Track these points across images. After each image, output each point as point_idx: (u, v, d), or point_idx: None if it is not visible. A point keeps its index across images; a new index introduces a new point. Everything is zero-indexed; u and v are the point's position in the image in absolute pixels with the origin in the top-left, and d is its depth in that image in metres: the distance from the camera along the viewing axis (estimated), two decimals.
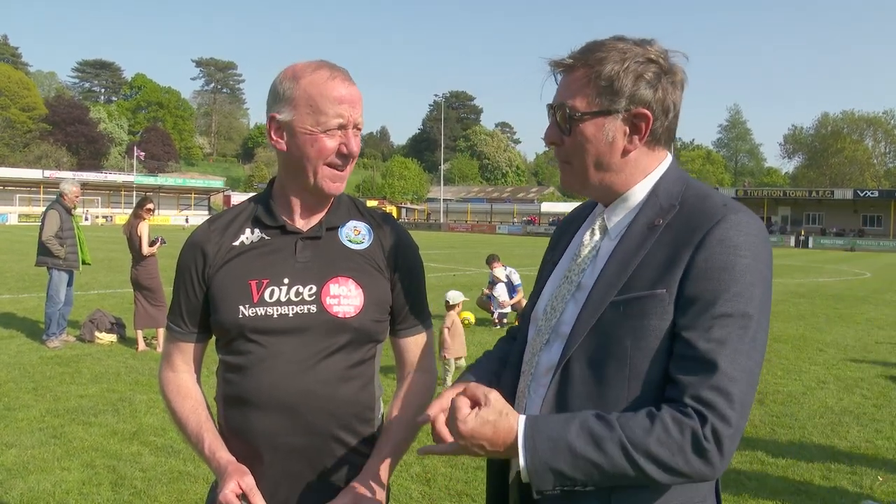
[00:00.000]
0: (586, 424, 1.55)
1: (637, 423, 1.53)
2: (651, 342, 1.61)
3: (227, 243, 2.13)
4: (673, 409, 1.53)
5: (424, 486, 5.73)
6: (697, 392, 1.52)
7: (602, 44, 1.74)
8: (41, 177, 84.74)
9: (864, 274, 31.87)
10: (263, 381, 2.02)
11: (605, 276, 1.70)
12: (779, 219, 77.69)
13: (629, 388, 1.62)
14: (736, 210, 1.65)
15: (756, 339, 1.57)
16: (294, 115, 2.01)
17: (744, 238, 1.60)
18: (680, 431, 1.51)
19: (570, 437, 1.54)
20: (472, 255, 35.81)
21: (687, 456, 1.51)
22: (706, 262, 1.58)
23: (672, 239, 1.65)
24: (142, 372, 9.32)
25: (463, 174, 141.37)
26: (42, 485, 5.57)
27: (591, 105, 1.71)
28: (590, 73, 1.71)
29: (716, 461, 1.51)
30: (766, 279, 1.61)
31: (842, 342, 12.94)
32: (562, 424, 1.57)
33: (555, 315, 1.78)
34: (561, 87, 1.78)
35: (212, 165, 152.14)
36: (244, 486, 1.90)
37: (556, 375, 1.71)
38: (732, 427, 1.51)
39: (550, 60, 1.79)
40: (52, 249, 10.75)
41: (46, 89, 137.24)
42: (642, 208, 1.74)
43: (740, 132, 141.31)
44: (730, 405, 1.51)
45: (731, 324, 1.55)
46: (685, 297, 1.59)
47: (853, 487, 5.93)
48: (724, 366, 1.52)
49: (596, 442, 1.52)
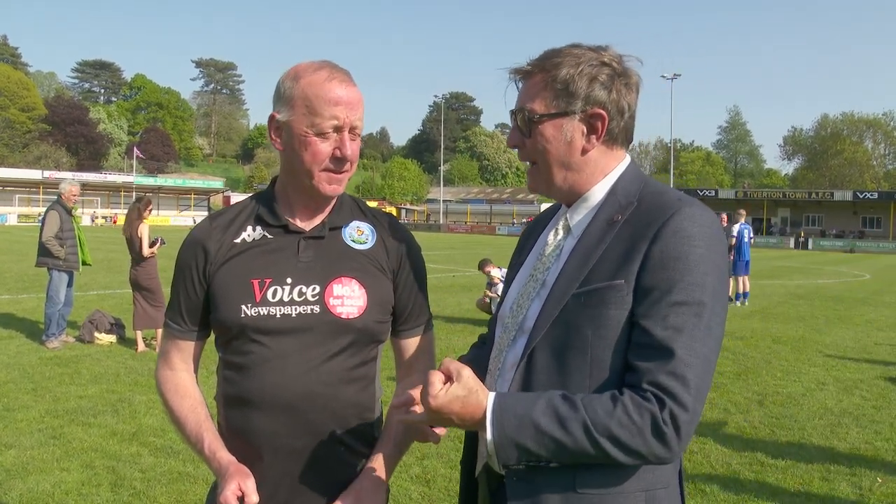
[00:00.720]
0: (552, 403, 1.62)
1: (600, 404, 1.60)
2: (611, 331, 1.68)
3: (228, 241, 2.11)
4: (633, 393, 1.59)
5: (424, 486, 5.73)
6: (655, 378, 1.59)
7: (558, 51, 1.84)
8: (41, 177, 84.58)
9: (864, 276, 31.87)
10: (266, 382, 2.01)
11: (567, 271, 1.78)
12: (778, 220, 77.78)
13: (591, 377, 1.69)
14: (690, 203, 1.73)
15: (711, 327, 1.64)
16: (291, 116, 2.00)
17: (697, 229, 1.67)
18: (640, 414, 1.57)
19: (536, 415, 1.61)
20: (471, 257, 35.78)
21: (646, 438, 1.57)
22: (661, 253, 1.66)
23: (630, 233, 1.73)
24: (141, 373, 9.31)
25: (462, 175, 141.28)
26: (41, 486, 5.56)
27: (548, 107, 1.81)
28: (546, 78, 1.81)
29: (673, 444, 1.58)
30: (719, 268, 1.68)
31: (841, 344, 12.93)
32: (529, 402, 1.64)
33: (521, 313, 1.85)
34: (521, 92, 1.87)
35: (211, 166, 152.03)
36: (244, 488, 1.89)
37: (520, 367, 1.78)
38: (689, 412, 1.58)
39: (510, 68, 1.89)
40: (51, 250, 10.75)
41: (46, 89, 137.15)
42: (602, 206, 1.83)
43: (740, 133, 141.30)
44: (686, 390, 1.58)
45: (686, 311, 1.62)
46: (642, 286, 1.66)
47: (852, 489, 5.93)
48: (680, 352, 1.59)
49: (560, 421, 1.59)
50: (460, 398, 1.64)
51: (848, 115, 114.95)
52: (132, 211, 11.01)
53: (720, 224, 1.74)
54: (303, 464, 2.04)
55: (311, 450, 2.04)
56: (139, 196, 11.96)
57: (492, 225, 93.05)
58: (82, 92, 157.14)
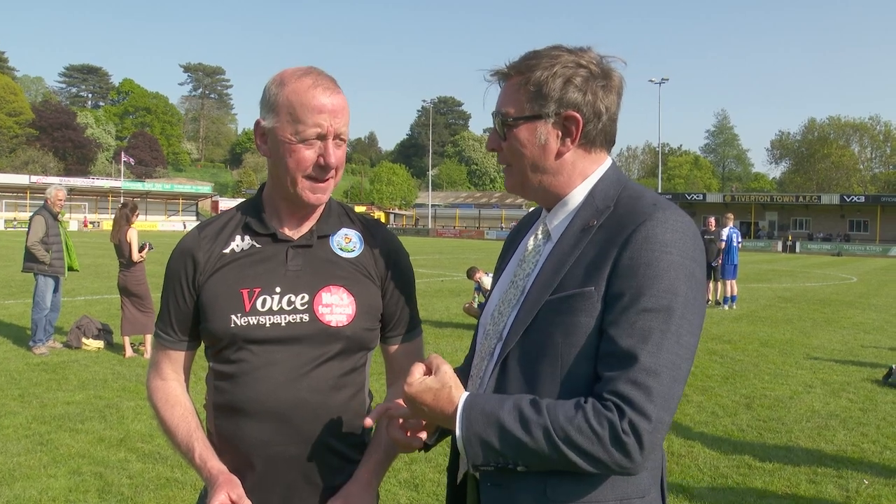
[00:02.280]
0: (518, 405, 1.62)
1: (563, 410, 1.59)
2: (580, 339, 1.66)
3: (217, 251, 2.11)
4: (596, 401, 1.58)
5: (412, 491, 5.73)
6: (615, 386, 1.57)
7: (536, 53, 1.82)
8: (28, 182, 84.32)
9: (851, 278, 32.04)
10: (256, 391, 2.01)
11: (541, 277, 1.77)
12: (766, 224, 78.04)
13: (561, 385, 1.67)
14: (664, 208, 1.70)
15: (680, 334, 1.60)
16: (276, 123, 2.00)
17: (670, 235, 1.64)
18: (599, 422, 1.55)
19: (502, 414, 1.61)
20: (460, 261, 35.82)
21: (606, 447, 1.55)
22: (631, 260, 1.63)
23: (603, 238, 1.70)
24: (129, 378, 9.28)
25: (451, 180, 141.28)
26: (28, 492, 5.54)
27: (522, 110, 1.79)
28: (521, 80, 1.79)
29: (635, 454, 1.55)
30: (691, 274, 1.64)
31: (828, 346, 12.99)
32: (498, 402, 1.65)
33: (501, 320, 1.83)
34: (499, 95, 1.86)
35: (200, 171, 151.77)
36: (234, 497, 1.89)
37: (494, 373, 1.78)
38: (652, 422, 1.55)
39: (488, 70, 1.88)
40: (37, 255, 10.71)
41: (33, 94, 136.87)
42: (579, 211, 1.81)
43: (728, 137, 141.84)
44: (648, 399, 1.55)
45: (653, 318, 1.59)
46: (610, 293, 1.64)
47: (839, 491, 5.96)
48: (643, 360, 1.57)
49: (523, 422, 1.59)
50: (433, 390, 1.69)
51: (835, 118, 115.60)
52: (120, 217, 10.96)
53: (695, 230, 1.71)
54: (294, 471, 2.04)
55: (302, 457, 2.03)
56: (126, 202, 11.91)
57: (480, 229, 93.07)
58: (70, 97, 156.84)
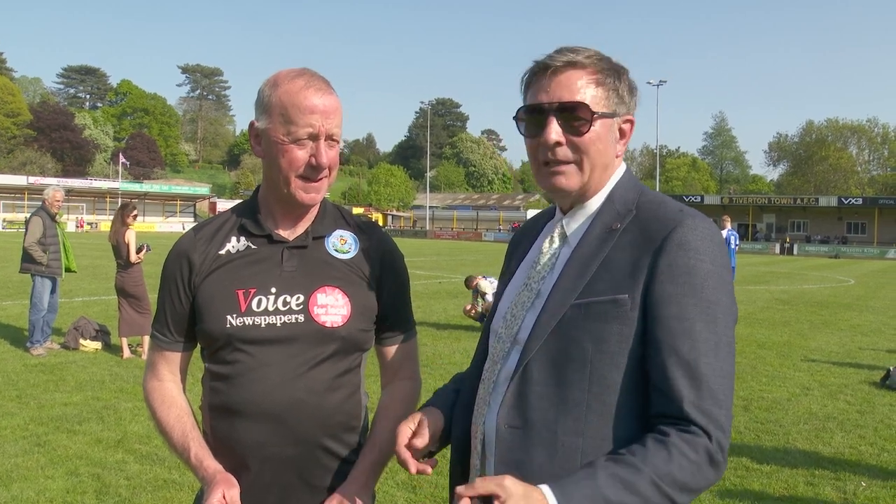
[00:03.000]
0: (611, 471, 1.52)
1: (656, 454, 1.53)
2: (613, 346, 1.63)
3: (213, 252, 2.12)
4: (679, 430, 1.55)
5: (410, 493, 5.72)
6: (696, 407, 1.56)
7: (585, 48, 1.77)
8: (25, 183, 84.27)
9: (848, 281, 32.07)
10: (251, 391, 2.01)
11: (564, 281, 1.72)
12: (764, 226, 78.13)
13: (590, 392, 1.63)
14: (692, 215, 1.69)
15: (728, 344, 1.62)
16: (269, 124, 2.01)
17: (701, 242, 1.64)
18: (696, 452, 1.54)
19: (604, 490, 1.49)
20: (458, 263, 35.84)
21: (705, 473, 1.55)
22: (669, 267, 1.62)
23: (630, 243, 1.68)
24: (126, 379, 9.27)
25: (449, 181, 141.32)
26: (26, 493, 5.53)
27: (603, 105, 1.74)
28: (596, 75, 1.74)
29: (723, 467, 1.58)
30: (727, 282, 1.65)
31: (826, 349, 13.01)
32: (589, 480, 1.51)
33: (515, 324, 1.79)
34: (562, 85, 1.73)
35: (197, 172, 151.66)
36: (228, 497, 1.89)
37: (515, 379, 1.72)
38: (727, 433, 1.58)
39: (546, 56, 1.77)
40: (34, 256, 10.71)
41: (31, 95, 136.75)
42: (598, 214, 1.78)
43: (725, 140, 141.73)
44: (722, 413, 1.57)
45: (703, 330, 1.59)
46: (652, 302, 1.62)
47: (837, 493, 5.96)
48: (710, 376, 1.57)
49: (627, 486, 1.50)
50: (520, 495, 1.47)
51: (832, 121, 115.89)
52: (117, 218, 10.97)
53: (721, 236, 1.70)
54: (289, 472, 2.04)
55: (298, 458, 2.04)
56: (124, 203, 11.91)
57: (478, 231, 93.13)
58: (67, 97, 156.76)
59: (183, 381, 2.23)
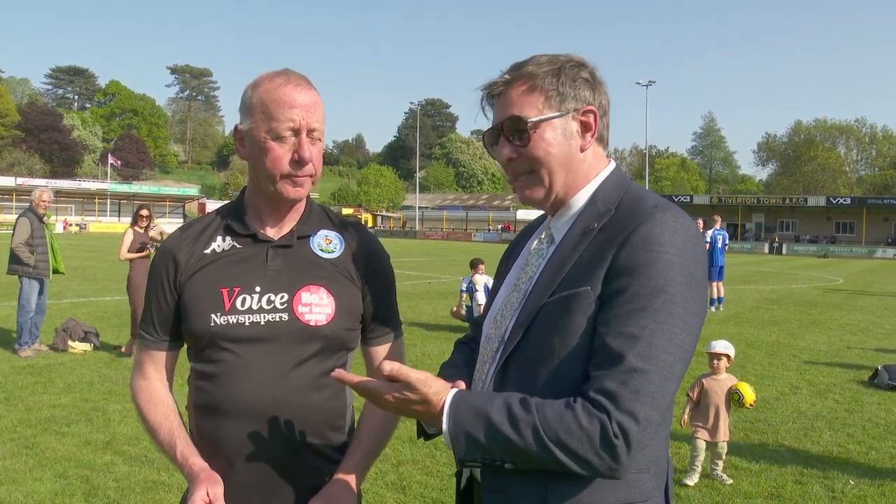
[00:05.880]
0: (508, 402, 1.59)
1: (553, 409, 1.57)
2: (574, 339, 1.65)
3: (198, 251, 2.12)
4: (585, 400, 1.56)
5: (399, 493, 5.72)
6: (603, 385, 1.55)
7: (532, 58, 1.84)
8: (13, 184, 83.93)
9: (837, 280, 32.21)
10: (235, 390, 2.02)
11: (541, 281, 1.77)
12: (753, 226, 78.39)
13: (560, 385, 1.65)
14: (664, 210, 1.69)
15: (674, 333, 1.58)
16: (252, 124, 2.03)
17: (668, 236, 1.63)
18: (589, 422, 1.53)
19: (490, 410, 1.59)
20: (447, 263, 35.84)
21: (595, 448, 1.53)
22: (627, 259, 1.62)
23: (602, 240, 1.70)
24: (115, 381, 9.23)
25: (438, 182, 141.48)
26: (14, 496, 5.50)
27: (542, 111, 1.78)
28: (531, 83, 1.79)
29: (623, 457, 1.53)
30: (690, 274, 1.63)
31: (814, 348, 13.06)
32: (487, 398, 1.63)
33: (503, 324, 1.83)
34: (503, 105, 1.83)
35: (187, 173, 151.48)
36: (212, 494, 1.89)
37: (494, 377, 1.78)
38: (640, 422, 1.53)
39: (485, 85, 1.87)
40: (21, 257, 10.65)
41: (19, 96, 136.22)
42: (580, 214, 1.81)
43: (715, 140, 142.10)
44: (636, 399, 1.53)
45: (645, 317, 1.58)
46: (605, 293, 1.63)
47: (825, 491, 5.98)
48: (631, 359, 1.55)
49: (512, 419, 1.57)
50: (421, 381, 1.65)
51: (821, 121, 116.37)
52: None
53: (697, 231, 1.70)
54: (274, 471, 2.04)
55: (282, 457, 2.04)
56: (140, 205, 12.14)
57: (468, 231, 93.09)
58: (56, 98, 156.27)
59: (170, 379, 2.23)
